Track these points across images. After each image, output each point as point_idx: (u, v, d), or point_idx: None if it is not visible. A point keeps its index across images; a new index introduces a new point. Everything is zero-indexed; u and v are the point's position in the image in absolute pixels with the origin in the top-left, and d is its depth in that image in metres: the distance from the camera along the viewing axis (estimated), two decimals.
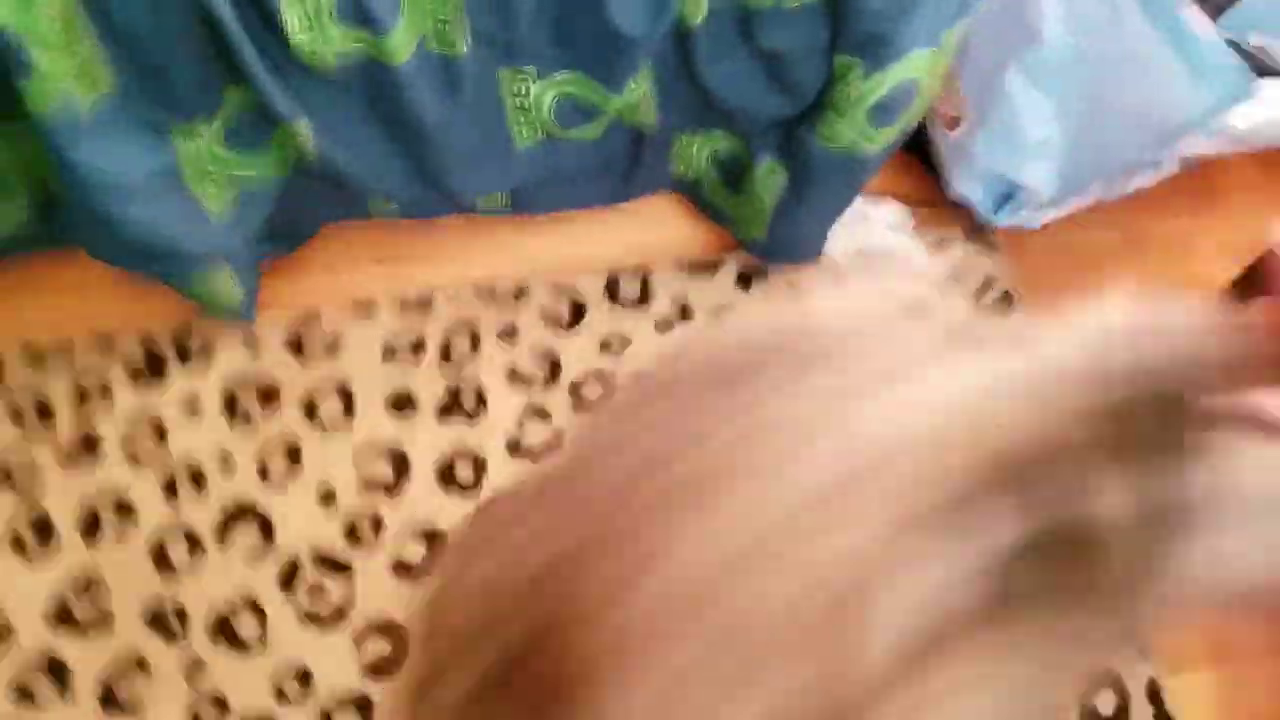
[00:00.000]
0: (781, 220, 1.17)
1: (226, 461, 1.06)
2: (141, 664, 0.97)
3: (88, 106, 0.85)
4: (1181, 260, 1.41)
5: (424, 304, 1.17)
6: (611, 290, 1.22)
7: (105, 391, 1.07)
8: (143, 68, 0.88)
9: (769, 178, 1.14)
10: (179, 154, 0.94)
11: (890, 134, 1.06)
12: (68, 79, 0.82)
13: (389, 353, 1.14)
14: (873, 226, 1.27)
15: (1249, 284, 1.34)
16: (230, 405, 1.09)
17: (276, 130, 0.97)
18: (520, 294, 1.19)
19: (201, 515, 1.03)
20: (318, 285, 1.17)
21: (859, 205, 1.27)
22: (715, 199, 1.21)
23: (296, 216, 1.10)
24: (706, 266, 1.25)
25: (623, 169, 1.18)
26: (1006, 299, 1.31)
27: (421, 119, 0.99)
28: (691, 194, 1.24)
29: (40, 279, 1.10)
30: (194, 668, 0.98)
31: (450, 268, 1.20)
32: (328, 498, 1.06)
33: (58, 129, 0.84)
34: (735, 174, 1.18)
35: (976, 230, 1.32)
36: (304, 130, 0.96)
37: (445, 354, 1.15)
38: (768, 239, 1.20)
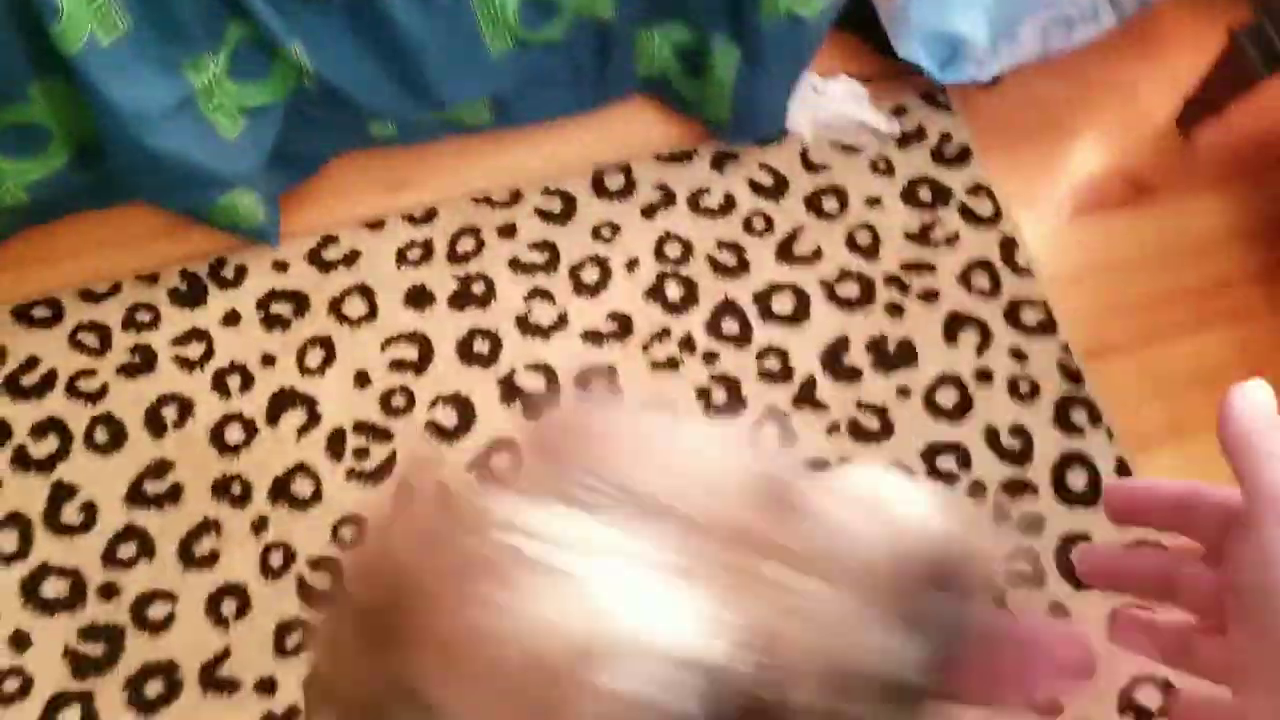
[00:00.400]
0: (742, 97, 1.32)
1: (268, 360, 1.22)
2: (213, 525, 1.12)
3: (108, 46, 1.02)
4: (1129, 105, 1.55)
5: (429, 217, 1.33)
6: (598, 185, 1.37)
7: (154, 316, 1.24)
8: (151, 8, 1.05)
9: (725, 57, 1.30)
10: (192, 86, 1.11)
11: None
12: (90, 21, 1.00)
13: (402, 258, 1.30)
14: (831, 101, 1.43)
15: (1191, 116, 1.47)
16: (266, 314, 1.25)
17: (275, 59, 1.15)
18: (515, 198, 1.36)
19: (252, 404, 1.19)
20: (332, 213, 1.34)
21: (817, 83, 1.43)
22: (680, 88, 1.37)
23: (306, 144, 1.28)
24: (683, 156, 1.41)
25: (593, 71, 1.35)
26: (964, 152, 1.45)
27: (399, 29, 1.16)
28: (660, 90, 1.40)
29: (87, 235, 1.28)
30: (259, 524, 1.12)
31: (449, 185, 1.37)
32: (362, 379, 1.21)
33: (86, 67, 1.01)
34: (695, 61, 1.34)
35: (930, 94, 1.47)
36: (299, 53, 1.14)
37: (452, 254, 1.31)
38: (732, 118, 1.35)
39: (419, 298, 1.28)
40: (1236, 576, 0.33)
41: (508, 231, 1.33)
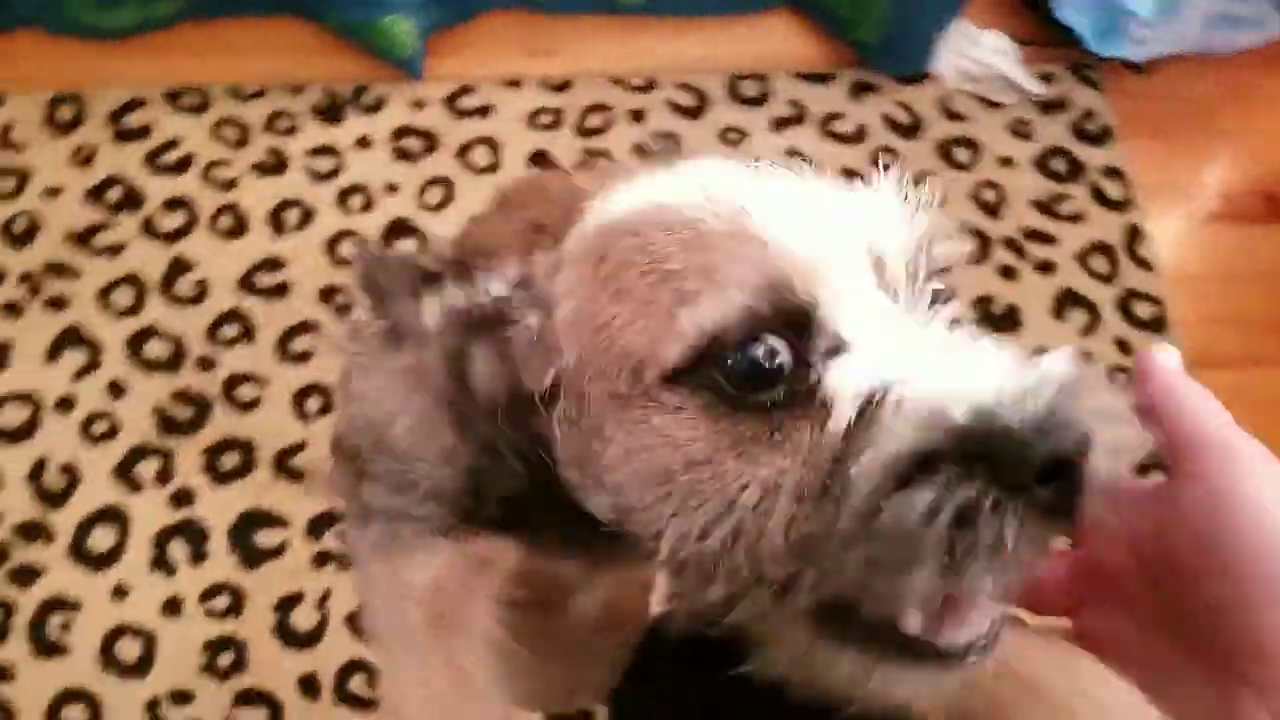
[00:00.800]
0: (895, 20, 1.35)
1: (391, 188, 1.30)
2: (313, 327, 1.20)
3: None
4: None
5: (565, 87, 1.40)
6: (733, 90, 1.43)
7: (293, 125, 1.33)
8: None
9: None
10: None
11: None
12: None
13: (532, 120, 1.37)
14: (981, 51, 1.46)
15: None
16: (397, 146, 1.33)
17: None
18: (650, 86, 1.41)
19: (369, 224, 1.27)
20: (475, 65, 1.41)
21: (970, 31, 1.46)
22: (833, 3, 1.41)
23: None
24: (822, 78, 1.45)
25: None
26: (1106, 132, 1.47)
27: None
28: (810, 5, 1.44)
29: (245, 37, 1.37)
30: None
31: (590, 60, 1.43)
32: None
33: None
34: None
35: (1080, 67, 1.50)
36: None
37: (581, 127, 1.38)
38: (881, 41, 1.39)
39: (541, 161, 1.34)
40: (1174, 528, 0.35)
41: (637, 116, 1.39)
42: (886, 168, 0.41)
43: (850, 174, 1.26)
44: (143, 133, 1.30)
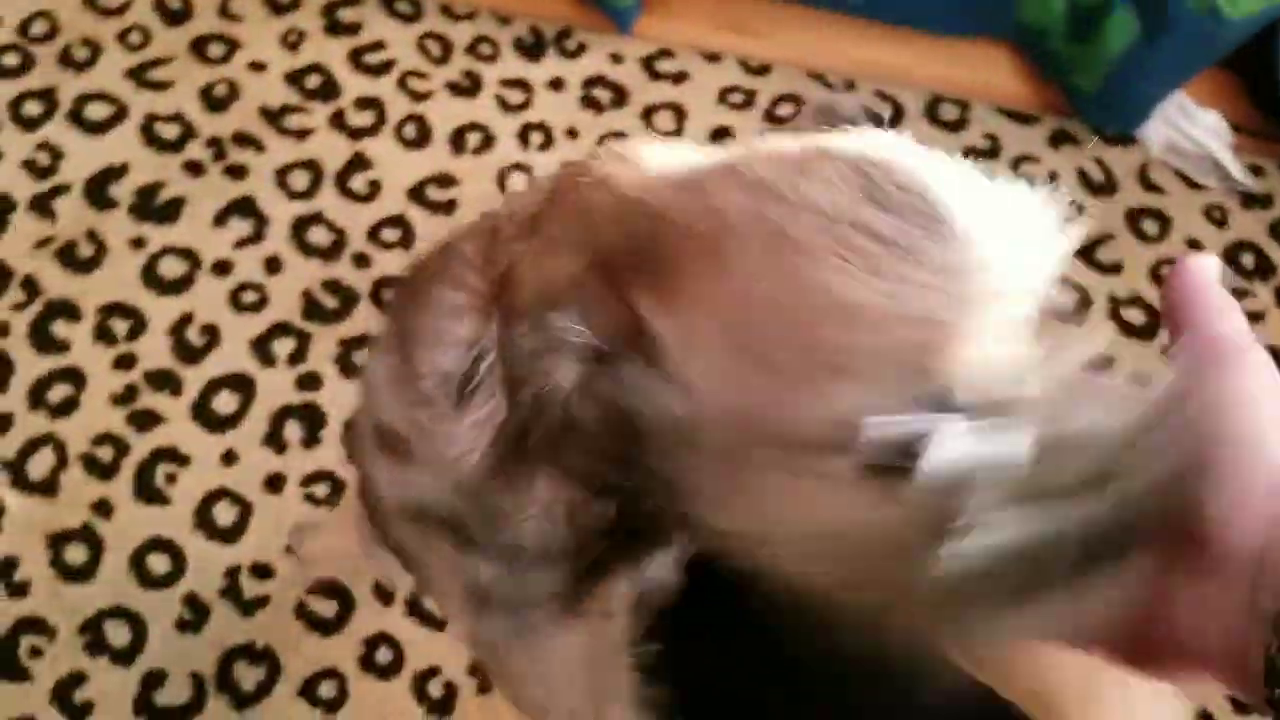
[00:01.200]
0: (1121, 72, 1.29)
1: (572, 133, 1.30)
2: None
3: None
4: None
5: (763, 70, 1.38)
6: (931, 109, 1.39)
7: (494, 53, 1.34)
8: None
9: (1121, 27, 1.26)
10: None
11: (1255, 2, 1.18)
12: None
13: (723, 96, 1.35)
14: (1195, 129, 1.39)
15: None
16: (587, 95, 1.33)
17: None
18: (847, 87, 1.38)
19: (543, 162, 1.27)
20: (681, 32, 1.39)
21: (1187, 105, 1.39)
22: (1057, 46, 1.35)
23: None
24: (1024, 118, 1.40)
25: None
26: None
27: None
28: (1031, 44, 1.39)
29: None
30: None
31: (793, 50, 1.40)
32: None
33: None
34: (1086, 24, 1.31)
35: None
36: None
37: (770, 114, 1.36)
38: (1099, 92, 1.33)
39: (721, 136, 1.33)
40: None
41: None
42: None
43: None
44: (353, 29, 1.33)
